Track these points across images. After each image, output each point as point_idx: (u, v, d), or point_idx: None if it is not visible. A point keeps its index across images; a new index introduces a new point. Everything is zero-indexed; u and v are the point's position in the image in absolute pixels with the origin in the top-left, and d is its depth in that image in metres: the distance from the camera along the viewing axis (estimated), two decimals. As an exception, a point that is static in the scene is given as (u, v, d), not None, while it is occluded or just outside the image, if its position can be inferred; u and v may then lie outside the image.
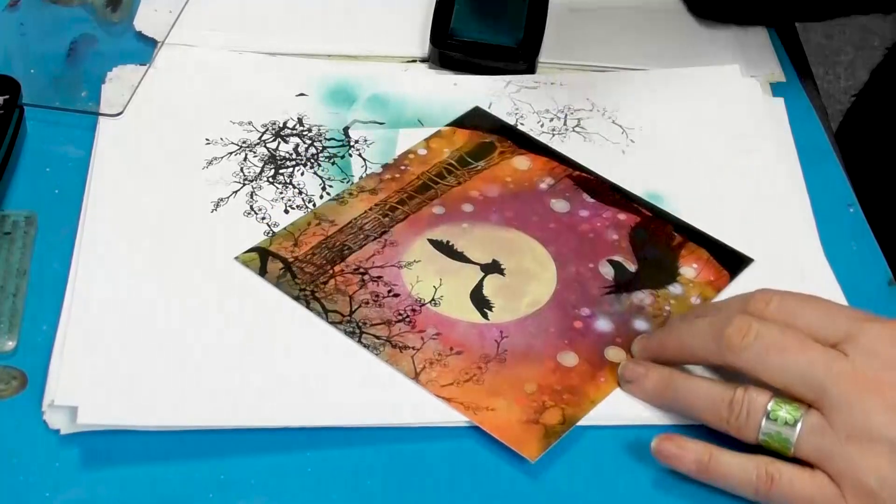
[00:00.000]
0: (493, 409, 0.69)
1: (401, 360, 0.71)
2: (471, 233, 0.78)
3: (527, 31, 0.90)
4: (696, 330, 0.69)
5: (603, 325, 0.74)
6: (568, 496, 0.67)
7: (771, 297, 0.68)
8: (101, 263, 0.75)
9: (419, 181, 0.81)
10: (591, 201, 0.81)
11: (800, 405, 0.65)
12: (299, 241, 0.76)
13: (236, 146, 0.83)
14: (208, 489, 0.65)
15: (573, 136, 0.85)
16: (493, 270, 0.76)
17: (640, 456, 0.68)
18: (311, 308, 0.73)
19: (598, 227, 0.79)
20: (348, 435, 0.68)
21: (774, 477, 0.65)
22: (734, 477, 0.65)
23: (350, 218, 0.78)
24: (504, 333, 0.73)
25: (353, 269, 0.75)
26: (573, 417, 0.69)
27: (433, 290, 0.75)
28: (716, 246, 0.79)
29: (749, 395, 0.66)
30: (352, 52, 0.91)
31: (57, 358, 0.69)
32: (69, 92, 0.85)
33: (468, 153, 0.83)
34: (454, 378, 0.70)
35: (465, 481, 0.67)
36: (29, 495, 0.65)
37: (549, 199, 0.81)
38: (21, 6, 0.91)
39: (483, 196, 0.81)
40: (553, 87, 0.89)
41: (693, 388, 0.68)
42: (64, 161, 0.81)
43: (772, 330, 0.66)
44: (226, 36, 0.91)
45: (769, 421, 0.65)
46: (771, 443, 0.65)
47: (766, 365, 0.65)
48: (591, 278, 0.77)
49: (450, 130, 0.85)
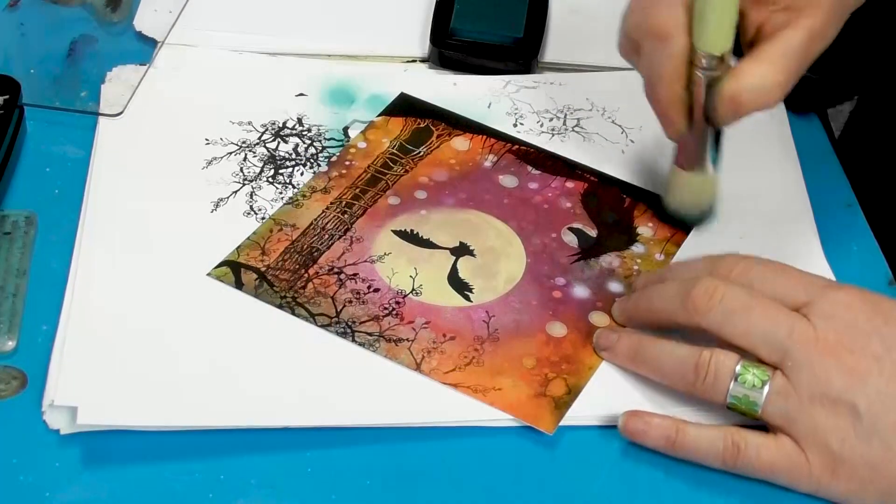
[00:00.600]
0: (500, 388, 0.70)
1: (399, 353, 0.71)
2: (430, 219, 0.79)
3: (526, 30, 0.90)
4: (665, 293, 0.70)
5: (580, 292, 0.76)
6: (567, 496, 0.67)
7: (738, 260, 0.69)
8: (101, 263, 0.75)
9: (367, 174, 0.81)
10: (537, 173, 0.82)
11: (767, 368, 0.66)
12: (266, 249, 0.76)
13: (236, 146, 0.83)
14: (208, 489, 0.65)
15: (573, 136, 0.86)
16: (463, 252, 0.77)
17: (639, 455, 0.68)
18: (297, 314, 0.73)
19: (551, 197, 0.81)
20: (348, 435, 0.68)
21: (740, 446, 0.66)
22: (702, 449, 0.67)
23: (310, 220, 0.78)
24: (490, 313, 0.74)
25: (327, 269, 0.75)
26: (577, 386, 0.70)
27: (411, 281, 0.75)
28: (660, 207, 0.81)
29: (716, 357, 0.67)
30: (352, 52, 0.91)
31: (57, 358, 0.69)
32: (69, 92, 0.85)
33: (407, 141, 0.84)
34: (455, 364, 0.71)
35: (465, 481, 0.67)
36: (29, 495, 0.65)
37: (497, 176, 0.82)
38: (21, 6, 0.91)
39: (433, 181, 0.81)
40: (553, 87, 0.89)
41: (661, 352, 0.69)
42: (64, 161, 0.81)
43: (737, 292, 0.67)
44: (226, 36, 0.91)
45: (737, 384, 0.66)
46: (738, 406, 0.66)
47: (731, 326, 0.67)
48: (558, 248, 0.78)
49: (383, 120, 0.85)
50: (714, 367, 0.66)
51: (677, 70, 0.72)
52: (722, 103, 0.71)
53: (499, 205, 0.80)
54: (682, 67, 0.72)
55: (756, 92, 0.70)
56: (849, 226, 0.82)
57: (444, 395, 0.70)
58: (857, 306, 0.66)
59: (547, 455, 0.68)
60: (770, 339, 0.66)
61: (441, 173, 0.82)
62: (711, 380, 0.66)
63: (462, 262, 0.77)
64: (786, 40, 0.70)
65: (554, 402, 0.70)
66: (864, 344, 0.65)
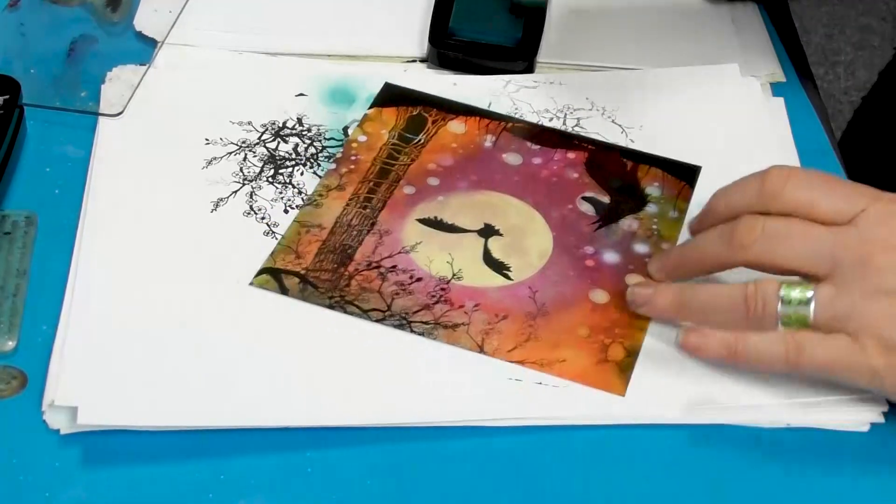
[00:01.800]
0: (564, 359, 0.71)
1: (459, 338, 0.72)
2: (449, 204, 0.80)
3: (526, 30, 0.90)
4: (710, 239, 0.72)
5: (611, 258, 0.77)
6: (568, 495, 0.67)
7: (783, 181, 0.70)
8: (101, 263, 0.75)
9: (376, 167, 0.81)
10: (537, 148, 0.83)
11: (808, 283, 0.68)
12: (299, 252, 0.76)
13: (236, 146, 0.83)
14: (208, 489, 0.65)
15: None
16: (491, 233, 0.78)
17: (640, 456, 0.68)
18: (349, 312, 0.73)
19: (557, 170, 0.82)
20: (348, 435, 0.68)
21: (802, 345, 0.67)
22: (764, 354, 0.68)
23: (334, 218, 0.78)
24: (533, 288, 0.75)
25: (365, 265, 0.76)
26: (634, 348, 0.72)
27: (449, 266, 0.76)
28: (663, 162, 0.83)
29: (760, 287, 0.69)
30: (351, 52, 0.91)
31: (57, 358, 0.69)
32: (69, 92, 0.85)
33: (404, 129, 0.84)
34: (515, 342, 0.72)
35: (465, 481, 0.67)
36: (29, 495, 0.65)
37: (501, 155, 0.83)
38: (21, 6, 0.91)
39: (441, 167, 0.82)
40: (553, 87, 0.89)
41: (709, 295, 0.71)
42: (64, 161, 0.81)
43: (776, 223, 0.69)
44: (226, 36, 0.91)
45: (784, 305, 0.68)
46: (791, 324, 0.68)
47: (776, 254, 0.69)
48: (577, 219, 0.79)
49: (375, 111, 0.85)
50: (761, 294, 0.69)
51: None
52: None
53: (510, 183, 0.81)
54: None
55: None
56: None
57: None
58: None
59: (547, 455, 0.68)
60: (817, 254, 0.68)
61: (446, 158, 0.82)
62: (761, 308, 0.68)
63: (492, 243, 0.77)
64: None
65: (618, 366, 0.71)
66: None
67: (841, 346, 0.67)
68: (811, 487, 0.68)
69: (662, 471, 0.68)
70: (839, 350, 0.67)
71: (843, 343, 0.67)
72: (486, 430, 0.69)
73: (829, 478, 0.68)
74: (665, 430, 0.69)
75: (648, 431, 0.69)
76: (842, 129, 1.04)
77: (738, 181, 0.73)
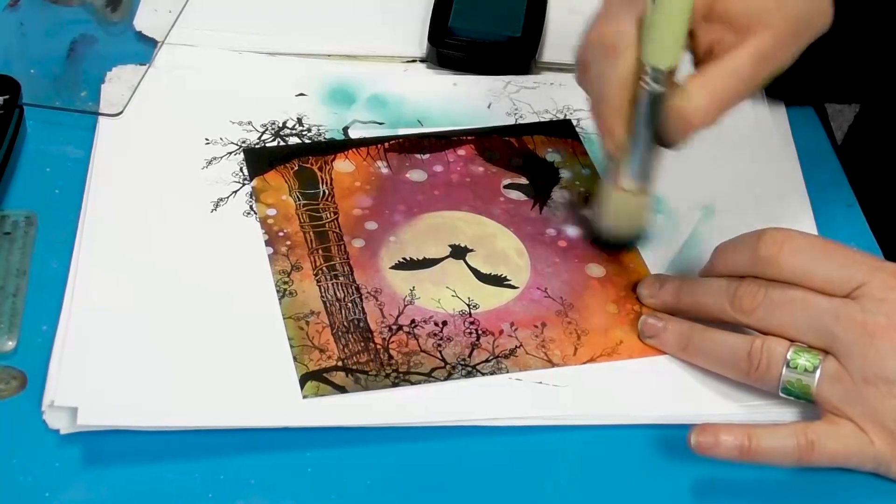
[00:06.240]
0: (621, 341, 0.72)
1: (526, 362, 0.71)
2: (403, 241, 0.77)
3: (525, 30, 0.90)
4: (711, 290, 0.71)
5: (572, 232, 0.78)
6: (568, 495, 0.67)
7: (780, 246, 0.69)
8: (101, 263, 0.75)
9: (309, 233, 0.77)
10: (427, 157, 0.83)
11: (817, 352, 0.67)
12: (321, 347, 0.71)
13: (236, 146, 0.83)
14: (208, 489, 0.65)
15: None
16: (463, 252, 0.77)
17: (640, 456, 0.68)
18: (415, 382, 0.70)
19: (462, 171, 0.82)
20: (348, 435, 0.68)
21: (813, 441, 0.66)
22: (776, 452, 0.67)
23: (319, 300, 0.74)
24: (541, 287, 0.75)
25: (387, 331, 0.72)
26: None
27: (457, 299, 0.74)
28: (538, 126, 0.85)
29: (767, 345, 0.68)
30: (351, 52, 0.91)
31: (57, 358, 0.69)
32: (69, 92, 0.85)
33: (300, 188, 0.80)
34: (572, 344, 0.72)
35: (465, 481, 0.67)
36: (29, 495, 0.65)
37: (405, 176, 0.82)
38: (21, 6, 0.91)
39: (365, 209, 0.79)
40: (553, 87, 0.89)
41: (713, 342, 0.70)
42: (64, 161, 0.81)
43: (776, 291, 0.68)
44: (226, 36, 0.91)
45: (789, 369, 0.67)
46: (792, 390, 0.67)
47: (776, 321, 0.68)
48: (517, 208, 0.80)
49: (261, 181, 0.80)
50: (766, 354, 0.68)
51: (623, 83, 0.70)
52: (668, 120, 0.70)
53: (435, 200, 0.80)
54: (629, 81, 0.70)
55: (699, 110, 0.70)
56: (849, 226, 0.82)
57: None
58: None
59: (548, 455, 0.68)
60: (816, 326, 0.67)
61: (363, 199, 0.80)
62: (765, 367, 0.68)
63: (471, 260, 0.77)
64: (732, 60, 0.70)
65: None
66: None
67: (848, 435, 0.66)
68: (811, 487, 0.68)
69: (663, 471, 0.68)
70: (847, 441, 0.66)
71: (850, 432, 0.66)
72: (486, 429, 0.69)
73: (829, 477, 0.68)
74: (665, 430, 0.69)
75: (649, 431, 0.69)
76: (843, 132, 1.04)
77: (736, 240, 0.72)
